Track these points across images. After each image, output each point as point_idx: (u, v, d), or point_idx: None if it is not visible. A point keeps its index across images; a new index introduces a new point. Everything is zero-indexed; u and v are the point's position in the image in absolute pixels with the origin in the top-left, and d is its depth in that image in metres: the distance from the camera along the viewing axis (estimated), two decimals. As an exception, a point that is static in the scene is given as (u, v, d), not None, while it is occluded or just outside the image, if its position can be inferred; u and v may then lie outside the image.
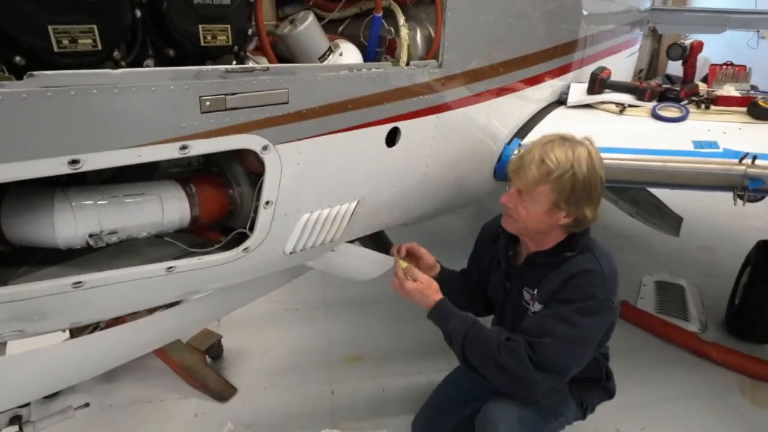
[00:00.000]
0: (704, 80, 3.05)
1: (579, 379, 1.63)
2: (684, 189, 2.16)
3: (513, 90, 2.14)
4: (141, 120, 0.97)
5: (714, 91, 2.67)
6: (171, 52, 1.06)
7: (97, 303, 1.20)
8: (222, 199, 1.32)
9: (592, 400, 1.71)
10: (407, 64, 1.50)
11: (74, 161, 0.90)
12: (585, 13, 2.81)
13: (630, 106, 2.57)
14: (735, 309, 2.86)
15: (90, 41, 0.88)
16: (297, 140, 1.25)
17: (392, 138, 1.54)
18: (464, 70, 1.73)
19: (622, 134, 2.30)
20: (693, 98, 2.61)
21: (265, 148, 1.19)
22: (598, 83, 2.66)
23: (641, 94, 2.60)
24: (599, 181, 1.43)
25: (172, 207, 1.21)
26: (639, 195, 3.41)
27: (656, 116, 2.44)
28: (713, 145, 2.07)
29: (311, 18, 1.34)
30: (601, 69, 2.70)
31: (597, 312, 1.40)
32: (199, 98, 1.03)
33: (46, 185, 1.06)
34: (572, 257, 1.47)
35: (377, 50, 1.55)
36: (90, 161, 0.92)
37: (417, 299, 1.54)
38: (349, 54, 1.45)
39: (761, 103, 2.38)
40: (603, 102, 2.64)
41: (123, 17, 0.94)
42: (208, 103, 1.04)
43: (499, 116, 2.11)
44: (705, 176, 1.99)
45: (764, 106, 2.37)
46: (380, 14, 1.47)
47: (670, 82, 2.86)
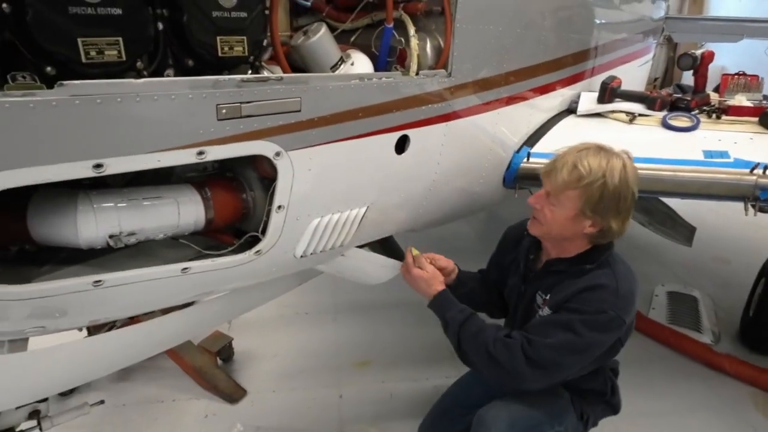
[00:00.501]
0: (716, 90, 3.04)
1: (582, 391, 1.62)
2: (695, 198, 2.15)
3: (522, 99, 2.16)
4: (161, 126, 1.02)
5: (725, 101, 2.66)
6: (190, 62, 1.11)
7: (116, 301, 1.24)
8: (235, 203, 1.36)
9: (595, 414, 1.68)
10: (417, 74, 1.53)
11: (98, 165, 0.95)
12: (596, 23, 2.83)
13: (640, 116, 2.57)
14: (749, 320, 2.82)
15: (115, 52, 0.94)
16: (309, 147, 1.29)
17: (402, 145, 1.57)
18: (473, 80, 1.76)
19: (632, 143, 2.26)
20: (704, 108, 2.61)
21: (278, 154, 1.23)
22: (609, 92, 2.67)
23: (652, 104, 2.60)
24: (630, 195, 1.40)
25: (188, 210, 1.25)
26: (651, 204, 3.38)
27: (667, 125, 2.43)
28: (724, 155, 2.06)
29: (324, 29, 1.38)
30: (612, 78, 2.71)
31: (603, 327, 1.39)
32: (216, 106, 1.07)
33: (69, 188, 1.12)
34: (591, 270, 1.46)
35: (388, 60, 1.59)
36: (113, 165, 0.97)
37: (420, 287, 1.58)
38: (361, 64, 1.49)
39: (774, 113, 2.37)
40: (613, 111, 2.64)
41: (146, 30, 1.00)
42: (225, 111, 1.09)
43: (508, 125, 2.13)
44: (715, 186, 1.98)
45: (777, 116, 2.36)
46: (391, 25, 1.51)
47: (682, 92, 2.85)
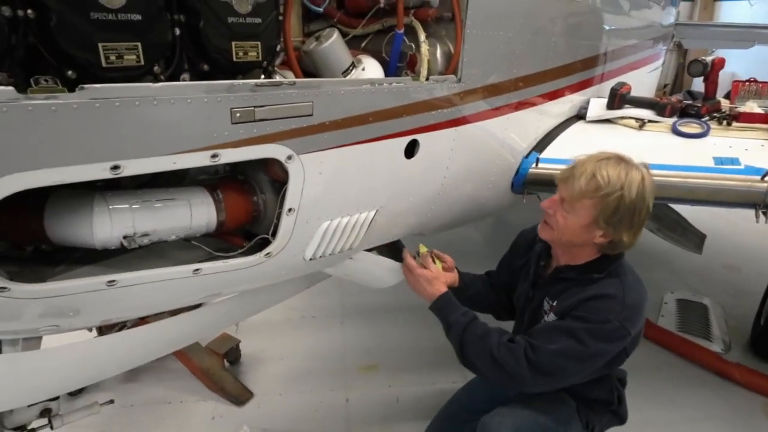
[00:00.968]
0: (727, 96, 3.02)
1: (588, 400, 1.61)
2: (704, 205, 2.15)
3: (531, 104, 2.17)
4: (177, 129, 1.04)
5: (736, 108, 2.64)
6: (205, 67, 1.13)
7: (129, 301, 1.26)
8: (247, 206, 1.38)
9: (600, 424, 1.67)
10: (427, 79, 1.54)
11: (116, 167, 0.97)
12: (605, 29, 2.83)
13: (650, 122, 2.57)
14: (761, 329, 2.79)
15: (134, 57, 0.96)
16: (320, 150, 1.30)
17: (411, 150, 1.58)
18: (482, 85, 1.78)
19: (642, 149, 2.28)
20: (714, 114, 2.60)
21: (290, 158, 1.24)
22: (618, 98, 2.67)
23: (661, 110, 2.59)
24: (645, 209, 1.40)
25: (200, 212, 1.27)
26: (660, 211, 3.36)
27: (677, 132, 2.43)
28: (734, 162, 2.05)
29: (336, 35, 1.40)
30: (621, 84, 2.71)
31: (607, 337, 1.39)
32: (231, 110, 1.09)
33: (85, 189, 1.14)
34: (599, 279, 1.46)
35: (398, 65, 1.61)
36: (130, 167, 0.99)
37: (423, 287, 1.59)
38: (371, 69, 1.51)
39: (785, 120, 2.36)
40: (622, 117, 2.64)
41: (164, 35, 1.02)
42: (239, 115, 1.11)
43: (517, 130, 2.14)
44: (725, 193, 1.97)
45: (789, 123, 2.34)
46: (402, 31, 1.52)
47: (692, 98, 2.84)
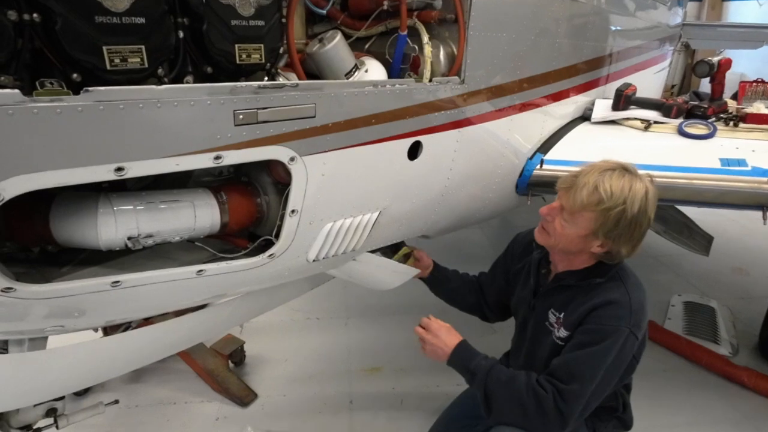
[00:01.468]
0: (734, 97, 3.00)
1: (595, 408, 1.60)
2: (711, 207, 2.13)
3: (535, 105, 2.16)
4: (180, 131, 1.05)
5: (743, 108, 2.62)
6: (209, 69, 1.14)
7: (133, 302, 1.27)
8: (250, 207, 1.39)
9: (606, 430, 1.66)
10: (430, 81, 1.55)
11: (120, 168, 0.98)
12: (610, 30, 2.82)
13: (656, 123, 2.55)
14: (769, 333, 2.76)
15: (138, 60, 0.97)
16: (323, 152, 1.31)
17: (414, 151, 1.59)
18: (486, 87, 1.77)
19: (647, 151, 2.28)
20: (721, 115, 2.57)
21: (293, 159, 1.25)
22: (623, 99, 2.65)
23: (667, 111, 2.57)
24: (646, 223, 1.38)
25: (204, 213, 1.28)
26: (667, 213, 3.34)
27: (682, 133, 2.41)
28: (741, 163, 2.03)
29: (339, 37, 1.41)
30: (627, 85, 2.69)
31: (621, 349, 1.38)
32: (233, 112, 1.10)
33: (90, 190, 1.15)
34: (601, 284, 1.45)
35: (402, 67, 1.61)
36: (134, 169, 1.00)
37: (439, 348, 1.57)
38: (374, 70, 1.51)
39: (793, 121, 2.33)
40: (628, 118, 2.63)
41: (168, 38, 1.03)
42: (242, 117, 1.11)
43: (522, 131, 2.14)
44: (732, 194, 1.95)
45: (797, 124, 2.32)
46: (405, 33, 1.53)
47: (698, 99, 2.82)
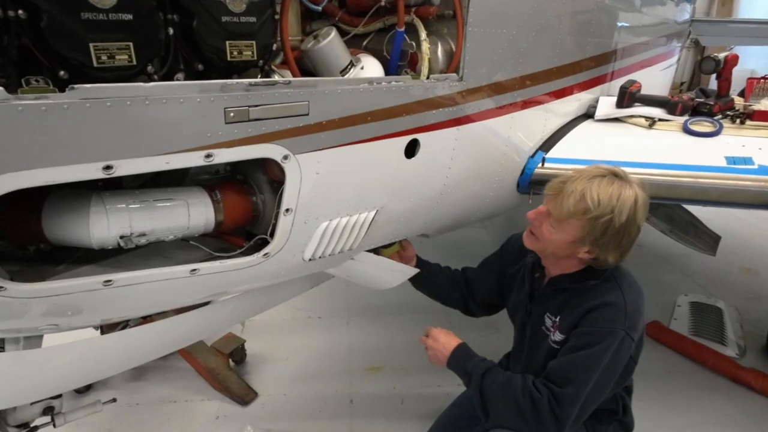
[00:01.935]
0: (741, 94, 2.94)
1: (594, 411, 1.58)
2: (716, 206, 2.09)
3: (537, 103, 2.13)
4: (170, 129, 1.04)
5: (750, 106, 2.57)
6: (200, 66, 1.13)
7: (126, 301, 1.26)
8: (245, 206, 1.38)
9: None
10: (427, 78, 1.53)
11: (108, 167, 0.97)
12: (615, 26, 2.78)
13: (660, 120, 2.51)
14: (777, 334, 2.71)
15: (126, 57, 0.96)
16: (317, 150, 1.29)
17: (412, 149, 1.57)
18: (485, 83, 1.75)
19: (651, 149, 2.25)
20: (728, 113, 2.52)
21: (286, 158, 1.23)
22: (628, 97, 2.61)
23: (672, 108, 2.53)
24: (635, 231, 1.36)
25: (198, 212, 1.27)
26: (673, 212, 3.29)
27: (688, 131, 2.36)
28: (748, 161, 1.99)
29: (333, 34, 1.39)
30: (631, 82, 2.65)
31: (617, 352, 1.36)
32: (224, 110, 1.09)
33: (84, 188, 1.14)
34: (596, 285, 1.44)
35: (399, 64, 1.59)
36: (122, 167, 0.99)
37: (439, 351, 1.58)
38: (371, 68, 1.49)
39: (802, 118, 2.28)
40: (632, 116, 2.59)
41: (156, 35, 1.02)
42: (232, 115, 1.10)
43: (523, 129, 2.11)
44: (738, 193, 1.92)
45: (805, 122, 2.27)
46: (402, 29, 1.51)
47: (705, 96, 2.77)
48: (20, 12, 0.86)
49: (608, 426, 1.64)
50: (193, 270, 1.28)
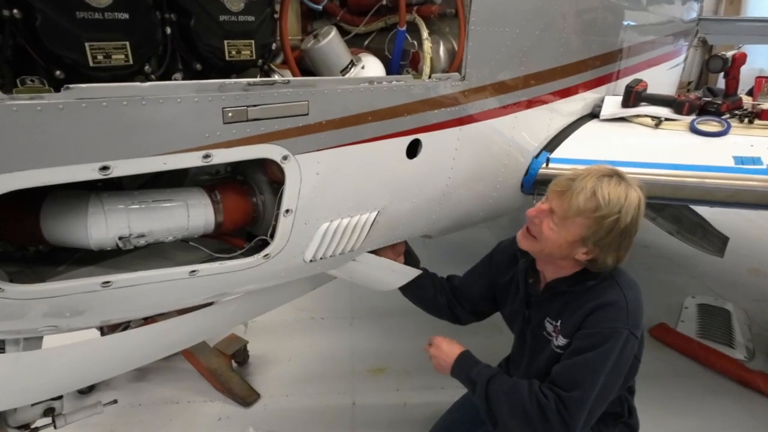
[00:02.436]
0: (749, 93, 2.90)
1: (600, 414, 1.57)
2: (724, 207, 2.06)
3: (541, 102, 2.11)
4: (167, 130, 1.03)
5: (759, 105, 2.52)
6: (198, 66, 1.12)
7: (126, 302, 1.26)
8: (245, 207, 1.37)
9: None
10: (429, 77, 1.51)
11: (104, 167, 0.97)
12: (621, 25, 2.75)
13: (667, 120, 2.47)
14: (786, 337, 2.67)
15: (122, 56, 0.95)
16: (317, 150, 1.28)
17: (414, 149, 1.55)
18: (488, 83, 1.73)
19: (658, 149, 2.21)
20: (735, 112, 2.48)
21: (285, 158, 1.22)
22: (633, 96, 2.58)
23: (679, 108, 2.49)
24: (634, 233, 1.36)
25: (197, 213, 1.26)
26: (680, 212, 3.26)
27: (695, 130, 2.33)
28: (756, 161, 1.96)
29: (333, 33, 1.38)
30: (637, 81, 2.62)
31: (621, 351, 1.35)
32: (222, 110, 1.08)
33: (83, 189, 1.14)
34: (594, 285, 1.42)
35: (401, 63, 1.58)
36: (119, 168, 0.99)
37: (442, 359, 1.58)
38: (372, 67, 1.48)
39: (812, 118, 2.24)
40: (638, 115, 2.55)
41: (153, 34, 1.01)
42: (231, 114, 1.09)
43: (527, 129, 2.08)
44: (746, 194, 1.89)
45: (815, 121, 2.23)
46: (404, 28, 1.49)
47: (712, 95, 2.73)
48: (15, 11, 0.86)
49: (614, 429, 1.62)
50: (193, 271, 1.27)
